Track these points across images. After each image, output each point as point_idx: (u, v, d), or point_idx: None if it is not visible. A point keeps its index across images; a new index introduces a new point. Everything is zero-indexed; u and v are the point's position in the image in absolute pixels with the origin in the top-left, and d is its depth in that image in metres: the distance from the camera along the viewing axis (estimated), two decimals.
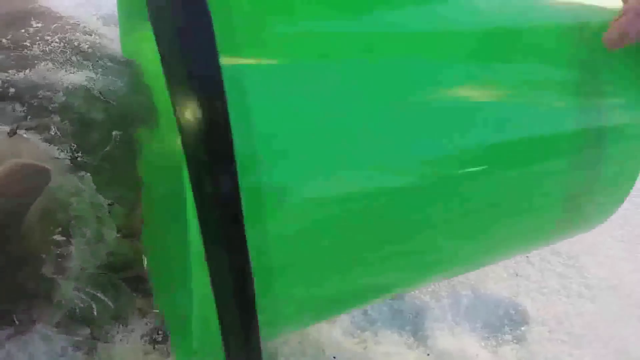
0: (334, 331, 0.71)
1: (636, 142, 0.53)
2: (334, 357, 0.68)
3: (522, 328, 0.73)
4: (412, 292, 0.74)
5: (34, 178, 0.47)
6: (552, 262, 0.80)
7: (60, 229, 0.51)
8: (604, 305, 0.77)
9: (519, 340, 0.72)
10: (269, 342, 0.68)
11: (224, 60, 0.33)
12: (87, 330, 0.65)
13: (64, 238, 0.51)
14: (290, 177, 0.40)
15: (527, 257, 0.80)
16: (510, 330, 0.73)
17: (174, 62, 0.33)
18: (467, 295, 0.74)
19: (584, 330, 0.74)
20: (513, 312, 0.75)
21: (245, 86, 0.38)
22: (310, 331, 0.69)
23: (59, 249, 0.51)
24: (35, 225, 0.49)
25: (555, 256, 0.80)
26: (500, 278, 0.77)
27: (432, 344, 0.70)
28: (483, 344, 0.72)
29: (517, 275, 0.78)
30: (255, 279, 0.36)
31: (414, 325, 0.73)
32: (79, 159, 0.54)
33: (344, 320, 0.72)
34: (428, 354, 0.69)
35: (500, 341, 0.72)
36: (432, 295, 0.74)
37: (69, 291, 0.54)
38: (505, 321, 0.74)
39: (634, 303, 0.77)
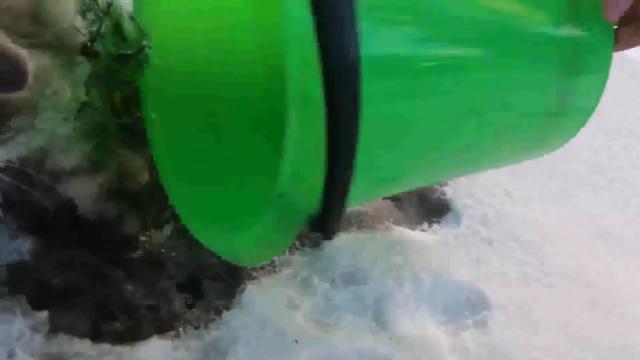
0: (296, 316, 0.71)
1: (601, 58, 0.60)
2: (296, 341, 0.68)
3: (483, 313, 0.74)
4: (376, 278, 0.75)
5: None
6: (513, 248, 0.81)
7: None
8: (562, 293, 0.78)
9: (479, 325, 0.73)
10: (227, 329, 0.69)
11: None
12: (45, 314, 0.65)
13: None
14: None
15: (488, 243, 0.81)
16: (471, 315, 0.75)
17: None
18: (428, 280, 0.75)
19: (541, 317, 0.75)
20: (474, 297, 0.76)
21: None
22: (272, 316, 0.70)
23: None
24: None
25: (516, 243, 0.82)
26: (461, 264, 0.78)
27: (394, 329, 0.71)
28: (444, 328, 0.73)
29: (478, 261, 0.79)
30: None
31: (375, 310, 0.73)
32: None
33: (306, 305, 0.72)
34: (390, 338, 0.70)
35: (461, 326, 0.73)
36: (394, 280, 0.75)
37: None
38: (465, 307, 0.75)
39: (592, 291, 0.79)
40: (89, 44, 0.55)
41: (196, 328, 0.70)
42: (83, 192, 0.68)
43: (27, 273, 0.67)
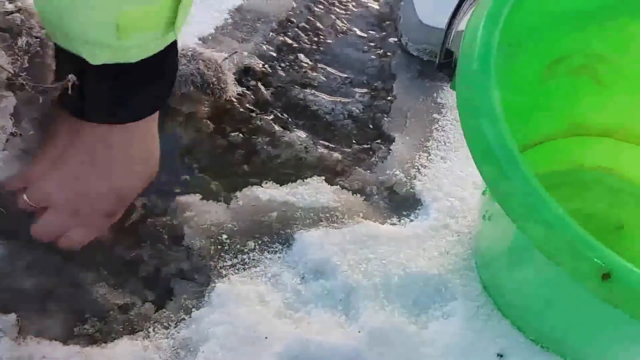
0: (266, 312, 0.71)
1: None
2: (266, 337, 0.69)
3: (452, 304, 0.75)
4: (345, 272, 0.75)
5: None
6: None
7: None
8: None
9: (449, 315, 0.74)
10: (198, 327, 0.69)
11: None
12: (13, 317, 0.65)
13: None
14: None
15: (457, 235, 0.82)
16: (440, 306, 0.75)
17: None
18: (398, 273, 0.76)
19: None
20: (443, 289, 0.76)
21: None
22: (242, 313, 0.70)
23: None
24: None
25: None
26: (430, 256, 0.79)
27: (364, 322, 0.72)
28: (413, 320, 0.74)
29: (447, 253, 0.79)
30: None
31: (345, 305, 0.74)
32: None
33: (276, 301, 0.73)
34: (359, 332, 0.71)
35: (430, 318, 0.74)
36: (364, 274, 0.75)
37: None
38: (435, 298, 0.76)
39: None
40: (14, 79, 0.55)
41: (166, 328, 0.70)
42: None
43: None
